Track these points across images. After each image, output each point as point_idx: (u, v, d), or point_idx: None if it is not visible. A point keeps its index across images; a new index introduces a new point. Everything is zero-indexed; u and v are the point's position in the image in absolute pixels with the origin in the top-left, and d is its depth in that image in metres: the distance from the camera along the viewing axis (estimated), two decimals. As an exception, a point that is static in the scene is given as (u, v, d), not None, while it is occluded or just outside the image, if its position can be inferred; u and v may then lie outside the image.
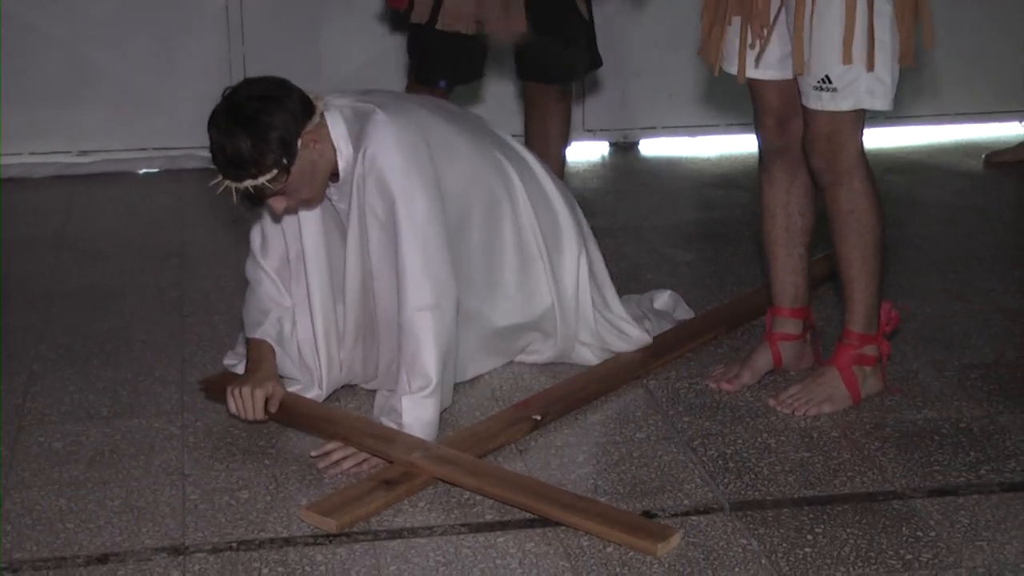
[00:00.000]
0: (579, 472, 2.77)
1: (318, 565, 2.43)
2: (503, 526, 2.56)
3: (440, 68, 3.79)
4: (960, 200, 4.62)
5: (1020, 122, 5.24)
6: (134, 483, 2.74)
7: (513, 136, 3.37)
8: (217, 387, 3.07)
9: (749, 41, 2.97)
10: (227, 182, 2.86)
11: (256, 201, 2.92)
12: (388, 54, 4.74)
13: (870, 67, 2.84)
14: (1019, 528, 2.52)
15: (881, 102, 2.90)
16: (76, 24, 4.84)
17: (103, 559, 2.45)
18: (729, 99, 4.51)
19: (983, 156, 5.02)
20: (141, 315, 3.62)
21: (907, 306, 3.52)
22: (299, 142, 2.87)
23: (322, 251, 3.09)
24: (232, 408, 2.96)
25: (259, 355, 3.04)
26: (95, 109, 4.91)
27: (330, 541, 2.50)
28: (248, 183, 2.84)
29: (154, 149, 4.94)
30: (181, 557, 2.46)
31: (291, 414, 2.97)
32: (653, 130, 5.24)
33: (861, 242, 2.98)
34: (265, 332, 3.07)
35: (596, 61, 3.93)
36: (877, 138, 5.17)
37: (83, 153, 4.94)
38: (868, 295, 3.01)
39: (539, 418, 2.98)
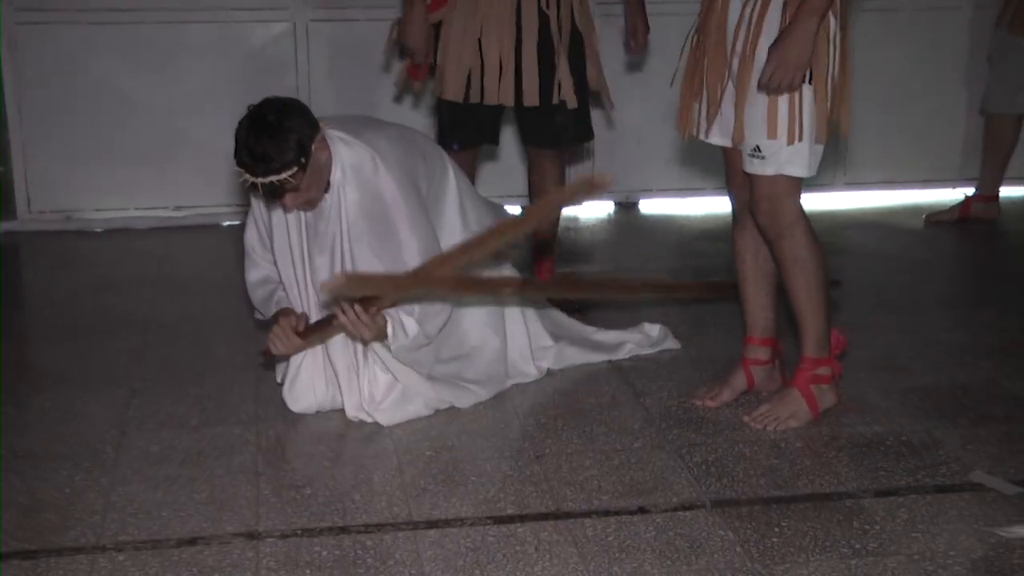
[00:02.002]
0: (586, 474, 2.77)
1: (368, 549, 2.43)
2: (522, 519, 2.56)
3: (451, 133, 3.77)
4: (905, 253, 4.60)
5: (955, 188, 5.20)
6: (217, 480, 2.74)
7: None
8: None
9: (710, 112, 2.97)
10: (252, 178, 2.84)
11: (275, 195, 2.88)
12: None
13: (790, 141, 2.84)
14: (949, 523, 2.53)
15: (800, 170, 2.88)
16: (173, 96, 4.84)
17: (192, 542, 2.46)
18: (713, 166, 4.50)
19: (924, 216, 4.98)
20: (223, 341, 3.63)
21: (860, 339, 3.50)
22: (313, 145, 2.87)
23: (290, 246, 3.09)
24: (273, 349, 2.98)
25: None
26: (187, 170, 4.90)
27: (378, 529, 2.51)
28: (272, 178, 2.82)
29: (236, 205, 4.90)
30: (255, 541, 2.47)
31: (315, 326, 2.99)
32: (651, 191, 5.23)
33: (807, 284, 2.97)
34: (278, 304, 3.10)
35: (587, 134, 3.89)
36: (835, 201, 5.20)
37: (177, 208, 4.94)
38: (817, 324, 3.00)
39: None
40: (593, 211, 5.14)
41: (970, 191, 4.98)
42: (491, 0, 3.63)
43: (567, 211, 4.95)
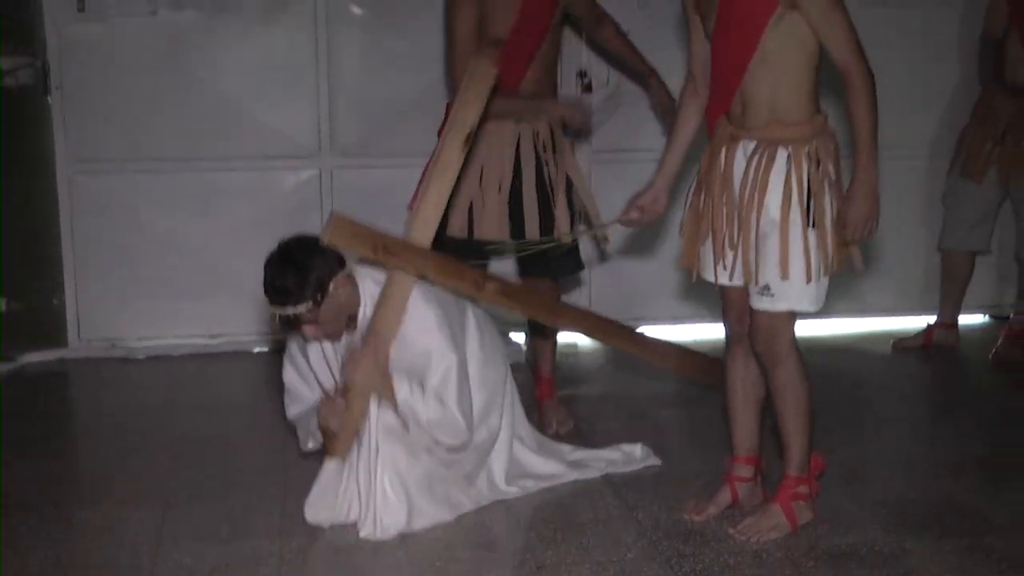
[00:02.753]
0: (583, 583, 2.75)
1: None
2: None
3: None
4: (874, 376, 4.60)
5: (919, 316, 5.21)
6: (244, 589, 2.72)
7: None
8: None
9: (720, 257, 3.01)
10: (272, 309, 2.87)
11: (293, 326, 2.91)
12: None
13: (808, 280, 2.87)
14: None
15: (809, 306, 2.92)
16: (209, 236, 4.87)
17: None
18: (706, 298, 4.52)
19: (892, 342, 4.99)
20: (252, 460, 3.62)
21: (833, 454, 3.49)
22: (331, 285, 2.90)
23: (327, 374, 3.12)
24: (326, 424, 3.00)
25: None
26: (221, 302, 4.91)
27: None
28: (289, 311, 2.86)
29: (265, 333, 4.92)
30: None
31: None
32: (649, 319, 5.19)
33: (795, 409, 3.00)
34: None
35: (580, 265, 3.91)
36: (812, 328, 5.17)
37: (212, 336, 4.94)
38: (801, 446, 3.02)
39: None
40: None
41: (932, 319, 4.99)
42: (492, 143, 3.70)
43: (566, 337, 4.99)
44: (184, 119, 4.81)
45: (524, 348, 4.86)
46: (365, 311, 3.03)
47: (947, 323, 4.95)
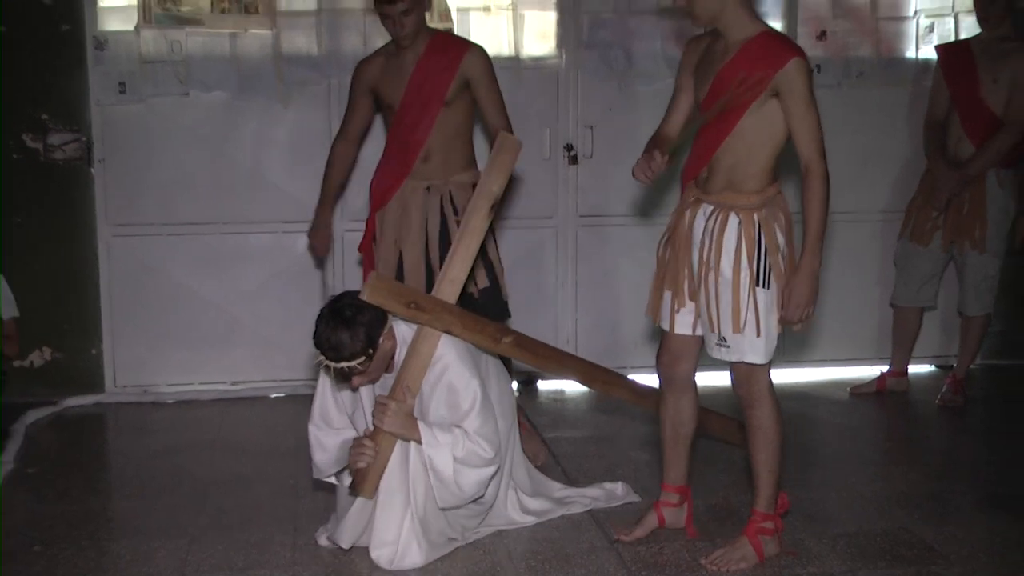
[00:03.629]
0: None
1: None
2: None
3: None
4: (833, 419, 4.60)
5: (873, 365, 5.23)
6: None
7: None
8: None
9: (675, 307, 3.06)
10: (326, 362, 2.85)
11: (344, 378, 2.90)
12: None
13: (757, 335, 2.91)
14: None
15: (757, 358, 2.95)
16: (232, 292, 4.88)
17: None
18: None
19: (849, 389, 4.99)
20: (269, 496, 3.61)
21: (795, 492, 3.50)
22: (381, 337, 2.90)
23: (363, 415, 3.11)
24: (358, 463, 2.95)
25: None
26: (242, 352, 4.92)
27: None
28: (343, 364, 2.85)
29: (281, 380, 4.92)
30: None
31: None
32: (631, 369, 5.23)
33: (767, 449, 3.02)
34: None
35: (505, 313, 3.86)
36: (775, 376, 5.20)
37: (234, 383, 4.93)
38: (769, 485, 3.04)
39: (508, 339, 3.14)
40: (577, 384, 5.14)
41: (885, 368, 5.00)
42: (406, 210, 3.79)
43: (555, 384, 5.01)
44: (210, 188, 4.85)
45: (516, 394, 4.86)
46: (399, 354, 3.03)
47: (898, 371, 4.96)
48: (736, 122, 2.87)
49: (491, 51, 3.89)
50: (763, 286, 2.89)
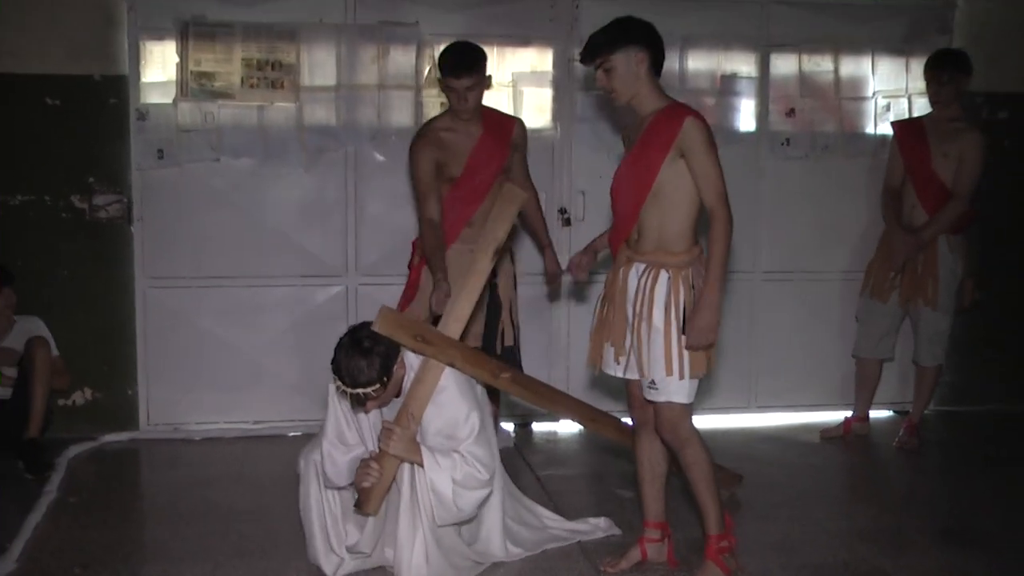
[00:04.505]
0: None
1: None
2: None
3: None
4: (801, 460, 4.60)
5: (839, 411, 5.23)
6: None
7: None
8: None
9: (617, 358, 3.11)
10: (344, 388, 2.85)
11: (360, 403, 2.90)
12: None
13: (680, 377, 2.97)
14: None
15: (682, 398, 3.01)
16: (254, 340, 4.89)
17: None
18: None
19: (819, 432, 4.98)
20: (286, 525, 3.58)
21: (765, 526, 3.53)
22: (395, 367, 2.91)
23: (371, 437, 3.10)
24: (364, 482, 2.95)
25: None
26: (263, 395, 4.92)
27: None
28: (359, 391, 2.85)
29: (299, 420, 4.91)
30: None
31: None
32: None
33: (703, 480, 3.06)
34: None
35: (517, 365, 3.91)
36: (748, 420, 5.21)
37: (256, 422, 4.93)
38: (714, 509, 3.08)
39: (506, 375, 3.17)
40: (569, 427, 5.16)
41: (849, 413, 5.01)
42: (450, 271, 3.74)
43: (549, 426, 5.02)
44: (238, 245, 4.88)
45: (512, 435, 4.89)
46: (407, 380, 3.04)
47: (861, 416, 4.97)
48: (651, 184, 2.98)
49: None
50: (686, 333, 2.97)
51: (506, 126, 3.87)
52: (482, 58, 3.81)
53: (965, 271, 4.78)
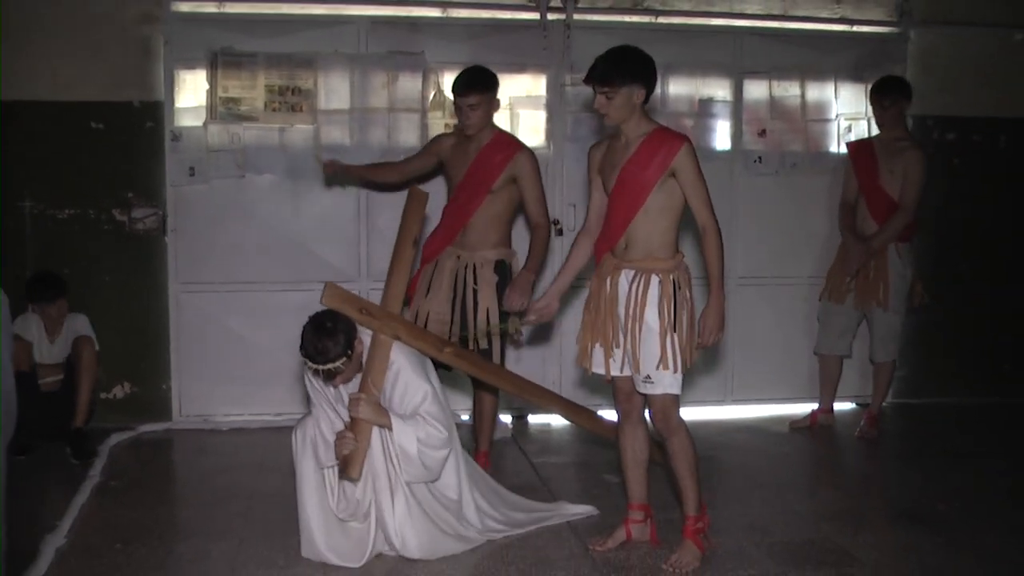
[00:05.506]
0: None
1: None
2: None
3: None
4: (773, 448, 4.60)
5: (807, 404, 5.24)
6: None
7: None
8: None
9: (606, 356, 3.12)
10: (313, 365, 2.88)
11: (329, 378, 2.92)
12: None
13: (675, 371, 2.99)
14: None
15: (675, 388, 3.03)
16: (277, 338, 4.81)
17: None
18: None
19: (788, 423, 4.96)
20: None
21: (740, 508, 3.53)
22: (355, 342, 2.93)
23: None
24: (343, 449, 2.95)
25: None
26: (285, 388, 4.88)
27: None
28: (329, 366, 2.88)
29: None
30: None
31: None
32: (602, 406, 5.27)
33: (687, 467, 3.08)
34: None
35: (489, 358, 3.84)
36: (725, 412, 5.21)
37: (278, 414, 4.91)
38: (693, 492, 3.09)
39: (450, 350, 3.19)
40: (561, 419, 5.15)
41: (815, 406, 5.01)
42: (439, 271, 3.85)
43: (543, 418, 5.02)
44: (261, 253, 4.89)
45: (510, 427, 4.89)
46: (365, 357, 3.07)
47: (826, 409, 4.97)
48: (643, 202, 3.01)
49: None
50: (676, 331, 3.00)
51: (507, 151, 3.85)
52: (487, 80, 3.84)
53: (913, 275, 4.79)
